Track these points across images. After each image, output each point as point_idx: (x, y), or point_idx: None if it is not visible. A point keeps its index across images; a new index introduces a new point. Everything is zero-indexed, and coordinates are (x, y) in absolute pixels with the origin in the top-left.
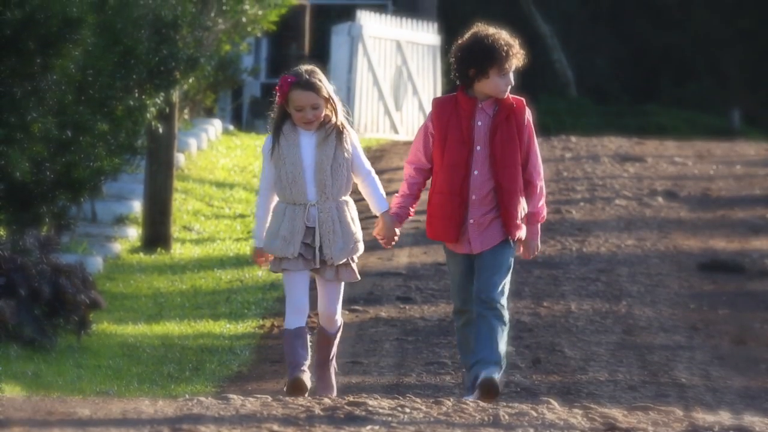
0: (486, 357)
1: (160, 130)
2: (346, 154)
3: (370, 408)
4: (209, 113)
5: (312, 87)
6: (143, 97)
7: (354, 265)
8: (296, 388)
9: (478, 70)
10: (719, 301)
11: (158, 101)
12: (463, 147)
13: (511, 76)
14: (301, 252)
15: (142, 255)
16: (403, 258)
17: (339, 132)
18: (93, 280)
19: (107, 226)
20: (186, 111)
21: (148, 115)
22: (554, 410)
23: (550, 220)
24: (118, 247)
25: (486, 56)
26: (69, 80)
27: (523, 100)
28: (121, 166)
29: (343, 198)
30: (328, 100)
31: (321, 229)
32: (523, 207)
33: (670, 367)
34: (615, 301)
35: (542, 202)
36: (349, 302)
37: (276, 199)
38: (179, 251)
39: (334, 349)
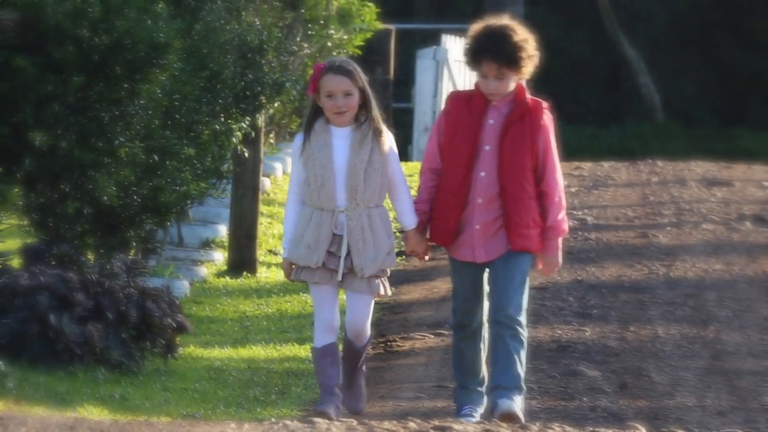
0: (504, 383)
1: (246, 155)
2: (382, 159)
3: None
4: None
5: (345, 72)
6: (229, 121)
7: (385, 279)
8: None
9: (469, 63)
10: None
11: (244, 125)
12: (467, 145)
13: (495, 82)
14: (325, 261)
15: (228, 279)
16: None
17: (377, 133)
18: (179, 304)
19: (193, 249)
20: (272, 135)
21: (233, 140)
22: None
23: (636, 244)
24: (204, 270)
25: (470, 54)
26: (156, 105)
27: (543, 102)
28: (207, 191)
29: (376, 206)
30: (362, 91)
31: (350, 237)
32: (532, 216)
33: (759, 392)
34: (702, 325)
35: (562, 215)
36: (434, 326)
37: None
38: (265, 275)
39: (363, 359)
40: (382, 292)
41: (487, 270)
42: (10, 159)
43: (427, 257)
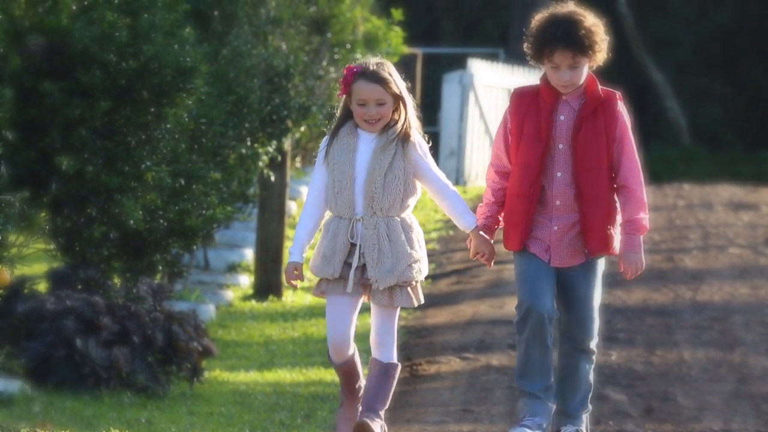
0: (572, 410)
1: (272, 179)
2: (405, 165)
3: None
4: None
5: (378, 79)
6: (255, 145)
7: (410, 290)
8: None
9: (533, 57)
10: None
11: (270, 150)
12: (538, 143)
13: (569, 72)
14: (344, 274)
15: (254, 302)
16: (514, 306)
17: (403, 138)
18: (205, 328)
19: (219, 273)
20: (298, 159)
21: (260, 164)
22: None
23: (662, 268)
24: (230, 294)
25: (537, 43)
26: (182, 129)
27: (617, 93)
28: (233, 215)
29: (397, 215)
30: (397, 98)
31: (364, 247)
32: (612, 217)
33: None
34: (729, 349)
35: (643, 213)
36: (459, 350)
37: (327, 212)
38: (291, 299)
39: (387, 399)
40: (407, 304)
41: (557, 273)
42: (37, 183)
43: (492, 263)
